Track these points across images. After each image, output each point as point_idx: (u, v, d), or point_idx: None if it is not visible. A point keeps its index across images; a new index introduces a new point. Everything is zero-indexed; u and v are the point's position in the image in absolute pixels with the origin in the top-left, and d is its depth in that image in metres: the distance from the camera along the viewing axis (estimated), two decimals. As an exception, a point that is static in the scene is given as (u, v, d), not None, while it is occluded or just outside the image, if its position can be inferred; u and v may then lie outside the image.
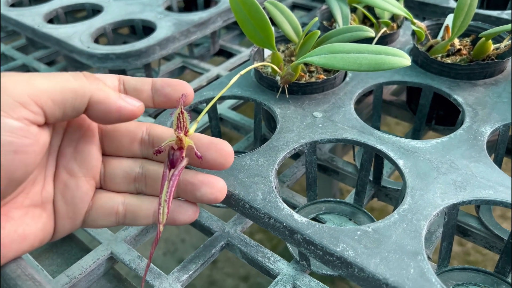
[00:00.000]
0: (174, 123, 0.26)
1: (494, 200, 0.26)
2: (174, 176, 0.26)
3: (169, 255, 1.05)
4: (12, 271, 0.25)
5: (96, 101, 0.25)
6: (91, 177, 0.28)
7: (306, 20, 0.65)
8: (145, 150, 0.29)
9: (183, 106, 0.26)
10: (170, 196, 0.25)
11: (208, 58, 0.62)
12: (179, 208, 0.28)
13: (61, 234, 0.28)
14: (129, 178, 0.29)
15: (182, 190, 0.28)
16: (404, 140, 0.31)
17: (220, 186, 0.27)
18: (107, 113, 0.26)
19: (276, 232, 0.27)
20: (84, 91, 0.25)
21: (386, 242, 0.24)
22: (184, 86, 0.28)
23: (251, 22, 0.34)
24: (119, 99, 0.26)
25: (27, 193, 0.26)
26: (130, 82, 0.29)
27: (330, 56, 0.31)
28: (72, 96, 0.24)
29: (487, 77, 0.37)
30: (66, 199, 0.27)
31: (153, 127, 0.29)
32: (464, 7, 0.37)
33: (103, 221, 0.28)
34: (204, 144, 0.27)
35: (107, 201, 0.28)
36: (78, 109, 0.25)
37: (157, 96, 0.29)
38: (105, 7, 0.58)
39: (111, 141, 0.29)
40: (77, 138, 0.28)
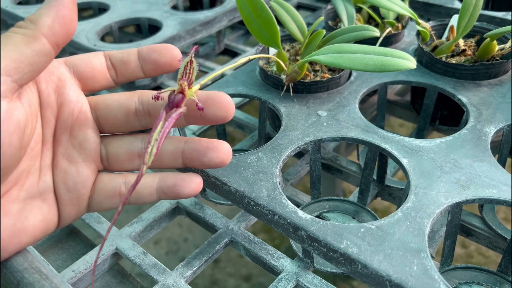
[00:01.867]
0: (179, 72, 0.25)
1: (498, 199, 0.27)
2: (170, 117, 0.24)
3: (172, 254, 1.06)
4: (19, 264, 0.26)
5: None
6: (91, 161, 0.28)
7: (311, 20, 0.66)
8: (143, 120, 0.29)
9: (193, 55, 0.24)
10: (162, 136, 0.24)
11: (213, 57, 0.62)
12: (182, 182, 0.28)
13: (67, 222, 0.28)
14: (132, 154, 0.29)
15: (188, 158, 0.28)
16: (408, 139, 0.31)
17: (225, 149, 0.27)
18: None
19: (280, 228, 0.27)
20: (34, 34, 0.24)
21: (389, 239, 0.25)
22: (170, 49, 0.28)
23: (257, 21, 0.34)
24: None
25: (22, 185, 0.26)
26: (116, 55, 0.29)
27: (337, 56, 0.31)
28: (24, 44, 0.23)
29: (492, 77, 0.37)
30: (68, 186, 0.27)
31: (144, 94, 0.29)
32: (469, 8, 0.37)
33: (107, 203, 0.28)
34: (202, 99, 0.27)
35: (108, 183, 0.28)
36: (40, 52, 0.24)
37: (146, 65, 0.28)
38: (111, 5, 0.58)
39: (106, 118, 0.28)
40: (71, 124, 0.27)
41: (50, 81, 0.27)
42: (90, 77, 0.28)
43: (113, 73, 0.29)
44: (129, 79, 0.29)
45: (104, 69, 0.29)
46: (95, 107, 0.28)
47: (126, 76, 0.29)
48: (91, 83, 0.28)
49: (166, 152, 0.28)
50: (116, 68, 0.29)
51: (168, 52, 0.28)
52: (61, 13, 0.24)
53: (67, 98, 0.27)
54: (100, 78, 0.29)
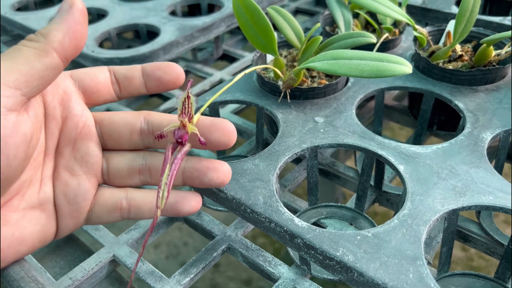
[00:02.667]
0: (179, 108, 0.25)
1: (494, 205, 0.27)
2: (176, 159, 0.25)
3: (172, 258, 1.06)
4: (15, 272, 0.26)
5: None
6: (92, 174, 0.28)
7: (309, 25, 0.66)
8: (146, 140, 0.29)
9: (189, 91, 0.25)
10: (171, 179, 0.25)
11: (211, 62, 0.62)
12: (183, 199, 0.28)
13: (65, 233, 0.28)
14: (133, 170, 0.29)
15: (189, 177, 0.28)
16: (404, 146, 0.31)
17: (225, 170, 0.28)
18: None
19: (276, 236, 0.27)
20: (44, 48, 0.24)
21: (385, 247, 0.25)
22: (174, 67, 0.29)
23: (254, 28, 0.34)
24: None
25: (23, 195, 0.26)
26: (120, 71, 0.29)
27: (333, 62, 0.31)
28: (35, 58, 0.24)
29: (488, 83, 0.37)
30: (69, 198, 0.27)
31: (151, 115, 0.29)
32: (466, 13, 0.37)
33: (107, 217, 0.29)
34: (206, 125, 0.27)
35: (110, 197, 0.29)
36: (50, 66, 0.24)
37: (149, 81, 0.29)
38: (109, 11, 0.58)
39: (111, 135, 0.29)
40: (74, 137, 0.28)
41: (56, 94, 0.27)
42: (94, 91, 0.29)
43: (116, 88, 0.30)
44: (132, 95, 0.30)
45: (108, 84, 0.29)
46: (101, 123, 0.29)
47: (129, 92, 0.30)
48: (95, 97, 0.29)
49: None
50: (120, 84, 0.29)
51: (172, 71, 0.29)
52: (72, 28, 0.25)
53: (72, 111, 0.28)
54: (104, 92, 0.29)
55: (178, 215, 0.29)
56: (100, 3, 0.61)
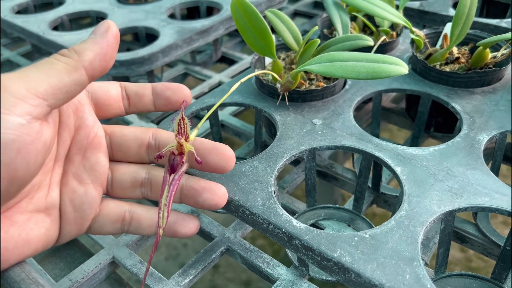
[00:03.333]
0: (175, 129, 0.27)
1: (490, 207, 0.27)
2: (174, 180, 0.26)
3: (171, 259, 1.06)
4: (16, 274, 0.26)
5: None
6: (99, 184, 0.29)
7: (308, 28, 0.66)
8: (152, 155, 0.30)
9: (183, 112, 0.26)
10: (170, 200, 0.26)
11: (210, 65, 0.62)
12: (182, 221, 0.29)
13: (66, 239, 0.29)
14: (135, 183, 0.30)
15: (185, 195, 0.29)
16: (402, 148, 0.32)
17: (221, 193, 0.28)
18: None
19: (275, 237, 0.27)
20: (75, 65, 0.25)
21: (382, 248, 0.25)
22: (183, 89, 0.30)
23: (252, 31, 0.35)
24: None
25: (31, 198, 0.27)
26: (131, 88, 0.31)
27: (329, 65, 0.31)
28: (65, 72, 0.25)
29: (485, 85, 0.38)
30: (75, 205, 0.28)
31: (159, 132, 0.30)
32: (462, 16, 0.37)
33: (109, 227, 0.29)
34: (207, 148, 0.28)
35: (115, 208, 0.29)
36: (77, 82, 0.25)
37: (158, 100, 0.31)
38: (109, 14, 0.58)
39: (120, 147, 0.30)
40: (85, 146, 0.28)
41: (71, 103, 0.28)
42: (106, 104, 0.30)
43: (126, 103, 0.31)
44: (140, 111, 0.31)
45: (119, 99, 0.30)
46: (111, 135, 0.30)
47: (137, 108, 0.31)
48: (106, 110, 0.30)
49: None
50: (130, 99, 0.31)
51: (181, 92, 0.30)
52: (104, 50, 0.26)
53: (85, 122, 0.28)
54: (115, 106, 0.30)
55: (175, 235, 0.29)
56: (99, 6, 0.61)
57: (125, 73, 0.48)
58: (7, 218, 0.25)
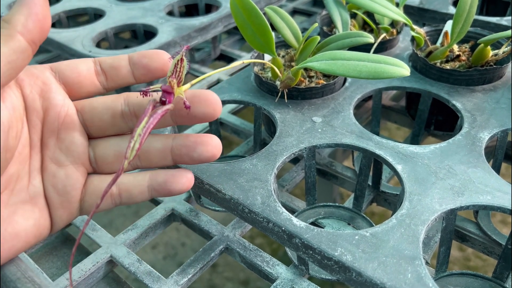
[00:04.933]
0: (170, 69, 0.25)
1: (492, 205, 0.27)
2: (156, 113, 0.24)
3: (169, 259, 1.05)
4: (12, 273, 0.26)
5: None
6: (79, 164, 0.28)
7: (307, 25, 0.66)
8: (130, 122, 0.29)
9: (184, 54, 0.24)
10: (146, 131, 0.23)
11: (209, 62, 0.62)
12: (173, 178, 0.28)
13: (60, 225, 0.28)
14: (120, 156, 0.29)
15: (177, 155, 0.28)
16: (402, 146, 0.31)
17: (215, 142, 0.27)
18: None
19: (274, 236, 0.27)
20: (9, 33, 0.24)
21: (384, 246, 0.25)
22: (161, 54, 0.28)
23: (251, 28, 0.34)
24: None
25: (12, 190, 0.26)
26: (106, 61, 0.29)
27: (331, 63, 0.31)
28: (3, 44, 0.24)
29: (486, 83, 0.37)
30: (58, 189, 0.27)
31: (130, 95, 0.29)
32: (463, 14, 0.37)
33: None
34: (188, 98, 0.26)
35: (99, 184, 0.28)
36: (17, 49, 0.24)
37: (137, 70, 0.29)
38: (107, 11, 0.58)
39: (93, 121, 0.28)
40: (57, 127, 0.27)
41: (34, 86, 0.27)
42: (76, 82, 0.28)
43: (102, 79, 0.29)
44: (120, 85, 0.29)
45: (92, 75, 0.29)
46: (82, 110, 0.28)
47: (116, 82, 0.29)
48: (77, 89, 0.28)
49: (155, 150, 0.28)
50: (106, 74, 0.29)
51: (159, 58, 0.28)
52: (33, 10, 0.25)
53: (53, 102, 0.27)
54: (87, 84, 0.29)
55: (170, 193, 0.28)
56: (97, 3, 0.61)
57: (123, 71, 0.47)
58: None
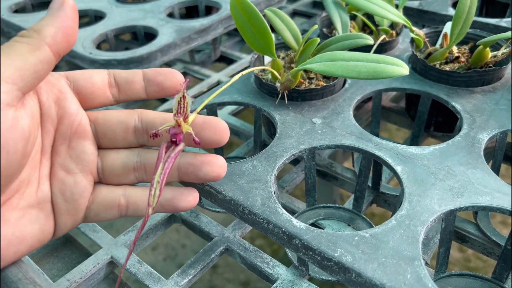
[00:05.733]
0: (174, 107, 0.26)
1: (491, 206, 0.27)
2: (170, 158, 0.25)
3: (170, 260, 1.05)
4: (13, 274, 0.26)
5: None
6: (88, 172, 0.28)
7: (307, 27, 0.66)
8: (140, 138, 0.29)
9: (185, 91, 0.25)
10: (164, 177, 0.25)
11: (209, 64, 0.62)
12: (180, 195, 0.29)
13: (63, 231, 0.28)
14: (128, 168, 0.29)
15: (184, 172, 0.28)
16: (402, 147, 0.32)
17: (220, 163, 0.28)
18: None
19: (274, 237, 0.27)
20: (37, 43, 0.25)
21: (383, 247, 0.25)
22: (175, 74, 0.29)
23: (251, 29, 0.34)
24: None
25: (22, 194, 0.26)
26: (121, 74, 0.30)
27: (330, 64, 0.31)
28: (28, 52, 0.24)
29: (485, 84, 0.38)
30: (66, 196, 0.28)
31: (144, 113, 0.29)
32: (462, 15, 0.37)
33: (105, 214, 0.29)
34: (199, 123, 0.28)
35: (108, 194, 0.29)
36: (43, 60, 0.25)
37: (150, 86, 0.30)
38: (107, 13, 0.58)
39: (105, 133, 0.29)
40: (70, 135, 0.28)
41: (51, 93, 0.27)
42: (89, 93, 0.29)
43: (115, 91, 0.30)
44: (131, 99, 0.30)
45: (105, 86, 0.29)
46: (95, 122, 0.29)
47: (128, 96, 0.30)
48: (90, 99, 0.29)
49: None
50: (119, 87, 0.30)
51: (173, 77, 0.29)
52: (64, 23, 0.25)
53: (68, 111, 0.28)
54: (99, 95, 0.29)
55: (175, 210, 0.29)
56: (98, 5, 0.61)
57: (124, 72, 0.48)
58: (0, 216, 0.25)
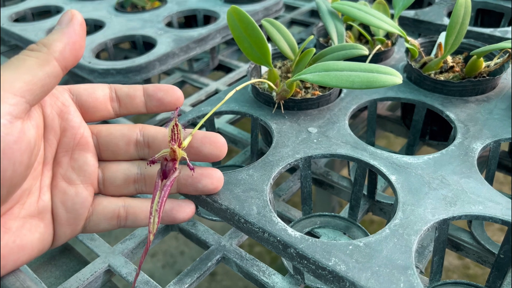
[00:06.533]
0: (168, 135, 0.27)
1: (484, 215, 0.27)
2: (166, 186, 0.26)
3: (168, 267, 1.05)
4: (11, 283, 0.26)
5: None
6: (89, 184, 0.29)
7: (304, 36, 0.67)
8: (141, 151, 0.30)
9: (177, 118, 0.27)
10: (161, 205, 0.26)
11: (207, 73, 0.63)
12: (178, 207, 0.30)
13: (62, 241, 0.29)
14: (128, 180, 0.30)
15: (183, 184, 0.29)
16: (396, 156, 0.32)
17: (218, 176, 0.29)
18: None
19: (270, 246, 0.27)
20: (46, 58, 0.25)
21: (377, 256, 0.25)
22: (175, 90, 0.31)
23: (248, 40, 0.35)
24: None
25: (23, 204, 0.27)
26: (122, 89, 0.31)
27: (324, 74, 0.31)
28: (37, 67, 0.25)
29: (479, 94, 0.38)
30: (67, 206, 0.28)
31: (146, 128, 0.30)
32: (456, 26, 0.38)
33: (105, 224, 0.30)
34: (199, 138, 0.29)
35: (108, 205, 0.30)
36: (51, 74, 0.25)
37: (150, 102, 0.31)
38: (106, 22, 0.59)
39: (108, 146, 0.30)
40: (72, 147, 0.29)
41: (55, 106, 0.28)
42: (91, 107, 0.30)
43: (116, 105, 0.31)
44: (131, 113, 0.31)
45: (107, 101, 0.30)
46: (98, 134, 0.30)
47: (129, 110, 0.31)
48: (92, 113, 0.30)
49: None
50: (120, 101, 0.31)
51: (173, 93, 0.31)
52: (72, 39, 0.26)
53: (70, 123, 0.28)
54: (101, 109, 0.30)
55: (173, 221, 0.30)
56: (97, 14, 0.62)
57: (122, 81, 0.48)
58: (1, 225, 0.25)
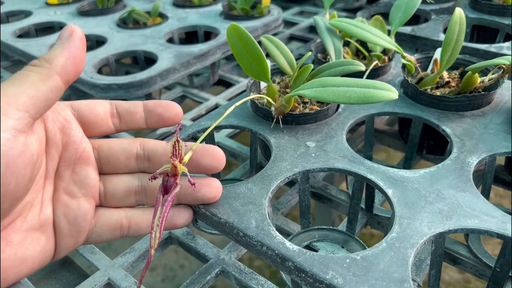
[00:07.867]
0: (169, 151, 0.27)
1: (479, 228, 0.27)
2: (167, 201, 0.27)
3: (168, 281, 1.05)
4: (11, 296, 0.26)
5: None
6: (90, 196, 0.30)
7: (303, 51, 0.68)
8: (141, 164, 0.31)
9: (178, 134, 0.27)
10: (162, 221, 0.26)
11: (207, 87, 0.63)
12: (178, 213, 0.31)
13: (64, 253, 0.29)
14: (129, 192, 0.31)
15: (183, 194, 0.30)
16: (393, 170, 0.32)
17: (217, 185, 0.30)
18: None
19: (268, 259, 0.28)
20: (49, 73, 0.26)
21: (374, 269, 0.25)
22: (174, 106, 0.32)
23: (247, 56, 0.36)
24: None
25: (25, 217, 0.27)
26: (123, 105, 0.32)
27: (321, 90, 0.32)
28: (40, 82, 0.25)
29: (475, 108, 0.39)
30: (69, 219, 0.29)
31: (146, 142, 0.31)
32: (451, 42, 0.39)
33: (108, 235, 0.30)
34: (198, 151, 0.30)
35: (111, 216, 0.30)
36: (54, 89, 0.26)
37: (150, 117, 0.31)
38: (108, 38, 0.60)
39: (108, 160, 0.31)
40: (74, 161, 0.29)
41: (57, 121, 0.29)
42: (92, 122, 0.30)
43: (116, 121, 0.31)
44: (131, 128, 0.32)
45: (107, 116, 0.31)
46: (99, 149, 0.31)
47: (129, 125, 0.32)
48: (92, 128, 0.31)
49: None
50: (121, 117, 0.31)
51: (173, 109, 0.31)
52: (73, 53, 0.27)
53: (72, 138, 0.29)
54: (102, 124, 0.31)
55: (174, 227, 0.31)
56: (99, 30, 0.63)
57: (124, 96, 0.49)
58: (3, 238, 0.26)
